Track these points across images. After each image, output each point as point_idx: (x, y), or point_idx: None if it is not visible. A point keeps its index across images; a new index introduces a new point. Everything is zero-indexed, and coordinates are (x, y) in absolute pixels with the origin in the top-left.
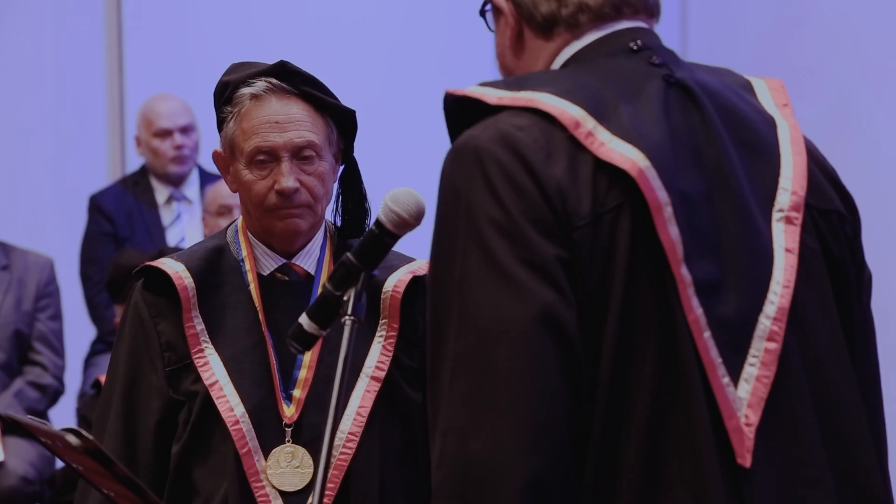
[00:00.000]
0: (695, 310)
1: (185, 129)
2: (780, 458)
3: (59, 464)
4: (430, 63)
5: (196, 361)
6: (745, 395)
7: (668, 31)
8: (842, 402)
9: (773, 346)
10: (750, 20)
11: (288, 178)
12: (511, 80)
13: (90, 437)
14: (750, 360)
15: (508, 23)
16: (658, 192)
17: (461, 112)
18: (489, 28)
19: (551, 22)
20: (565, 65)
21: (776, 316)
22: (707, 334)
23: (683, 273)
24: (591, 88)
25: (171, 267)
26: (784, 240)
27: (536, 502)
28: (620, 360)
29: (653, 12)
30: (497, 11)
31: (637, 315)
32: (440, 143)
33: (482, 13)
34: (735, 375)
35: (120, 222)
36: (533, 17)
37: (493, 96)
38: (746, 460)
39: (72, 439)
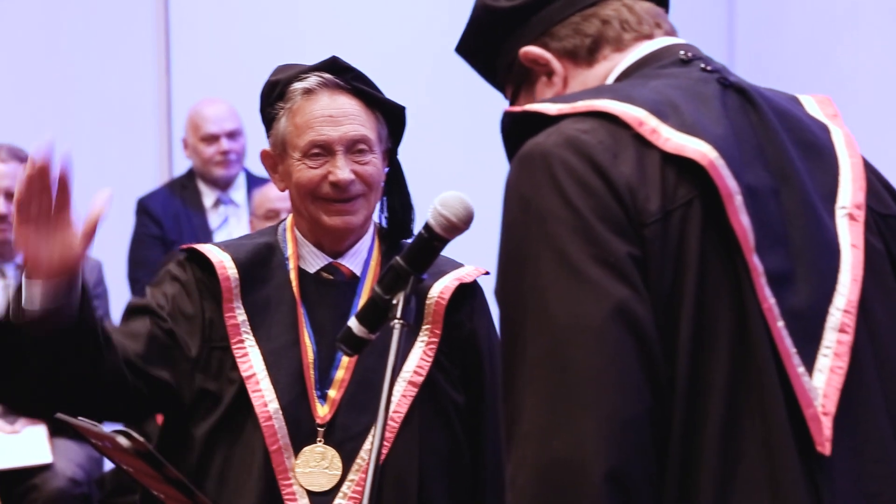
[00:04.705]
0: (768, 299)
1: (232, 134)
2: (853, 452)
3: (108, 466)
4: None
5: (235, 351)
6: (821, 385)
7: (715, 48)
8: None
9: (845, 337)
10: (797, 33)
11: (343, 169)
12: (568, 95)
13: (140, 438)
14: (823, 350)
15: (556, 70)
16: (728, 181)
17: (519, 130)
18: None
19: (599, 42)
20: (617, 80)
21: (846, 308)
22: (780, 324)
23: (755, 262)
24: (649, 93)
25: (216, 255)
26: (849, 236)
27: (619, 498)
28: (696, 353)
29: (676, 35)
30: (529, 77)
31: (710, 308)
32: (488, 148)
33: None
34: (809, 366)
35: (167, 225)
36: (578, 47)
37: (553, 108)
38: (826, 448)
39: (122, 441)
